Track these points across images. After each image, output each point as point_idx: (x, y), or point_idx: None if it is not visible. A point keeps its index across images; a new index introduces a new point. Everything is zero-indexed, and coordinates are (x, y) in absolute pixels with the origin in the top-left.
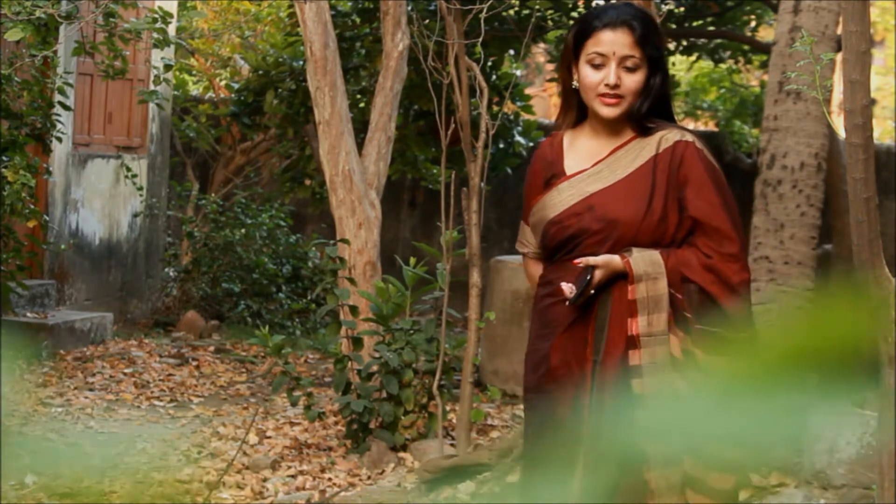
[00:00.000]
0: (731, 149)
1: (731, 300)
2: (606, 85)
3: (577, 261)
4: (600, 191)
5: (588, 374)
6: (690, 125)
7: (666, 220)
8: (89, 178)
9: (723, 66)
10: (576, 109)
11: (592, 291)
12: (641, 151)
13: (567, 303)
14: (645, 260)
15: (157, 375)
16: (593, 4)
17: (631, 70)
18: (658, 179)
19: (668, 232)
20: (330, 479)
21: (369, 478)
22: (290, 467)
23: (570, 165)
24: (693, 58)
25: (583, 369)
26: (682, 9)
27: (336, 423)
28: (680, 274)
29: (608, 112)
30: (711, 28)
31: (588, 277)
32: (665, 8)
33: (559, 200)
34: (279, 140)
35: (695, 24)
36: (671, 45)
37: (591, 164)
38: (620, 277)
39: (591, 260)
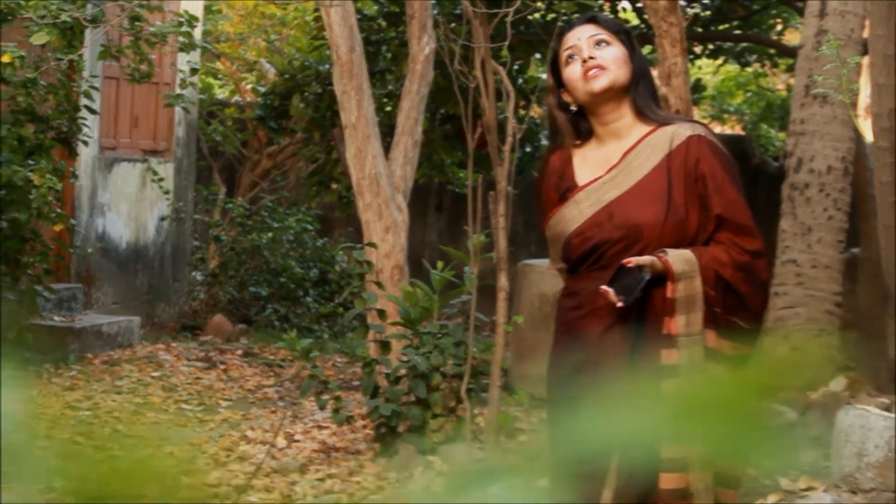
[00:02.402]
0: (757, 152)
1: (757, 297)
2: (584, 62)
3: (626, 260)
4: (618, 197)
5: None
6: (717, 129)
7: (687, 219)
8: (115, 181)
9: (749, 69)
10: (578, 131)
11: (639, 294)
12: (654, 150)
13: (620, 304)
14: (681, 258)
15: (185, 379)
16: (619, 7)
17: (602, 46)
18: (674, 178)
19: (689, 231)
20: (358, 483)
21: (398, 481)
22: (318, 471)
23: (582, 176)
24: (719, 61)
25: (617, 377)
26: (708, 12)
27: (364, 427)
28: (713, 271)
29: (595, 84)
30: (738, 32)
31: (645, 276)
32: (691, 11)
33: (578, 212)
34: (305, 144)
35: (721, 27)
36: (697, 49)
37: (604, 172)
38: (655, 281)
39: (641, 260)
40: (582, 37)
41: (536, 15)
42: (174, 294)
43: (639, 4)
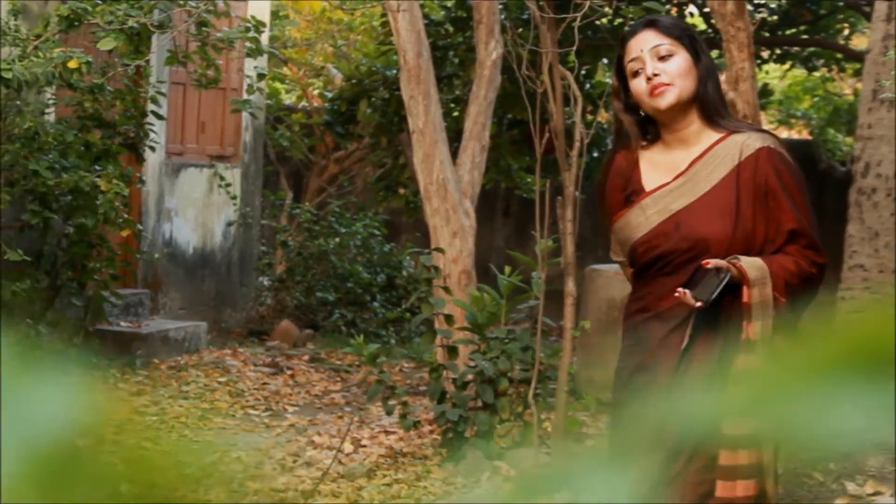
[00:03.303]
0: (825, 157)
1: (808, 306)
2: (648, 79)
3: (705, 262)
4: (685, 207)
5: (669, 381)
6: (784, 134)
7: (754, 231)
8: (182, 187)
9: (816, 74)
10: (645, 132)
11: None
12: (722, 161)
13: (698, 305)
14: (754, 265)
15: (252, 384)
16: (686, 11)
17: (666, 58)
18: (742, 191)
19: (756, 244)
20: (425, 488)
21: (465, 487)
22: (385, 476)
23: (648, 181)
24: (786, 66)
25: (668, 378)
26: (775, 17)
27: (431, 432)
28: (783, 279)
29: (661, 102)
30: (805, 36)
31: (724, 277)
32: (758, 16)
33: (644, 219)
34: (373, 149)
35: (788, 32)
36: (765, 54)
37: (671, 178)
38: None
39: (719, 262)
40: (645, 48)
41: (604, 20)
42: (241, 299)
43: (706, 9)
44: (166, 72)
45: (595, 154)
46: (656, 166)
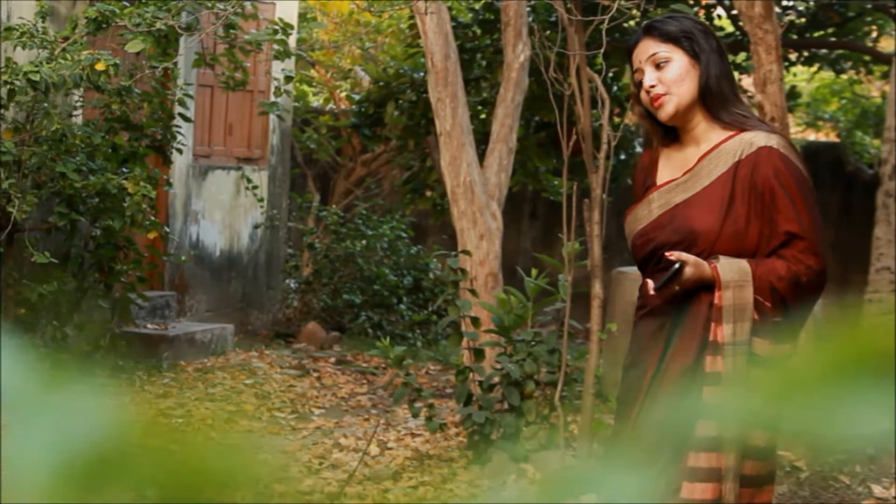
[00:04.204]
0: (852, 160)
1: (803, 313)
2: (646, 91)
3: (668, 253)
4: (684, 201)
5: (648, 378)
6: (811, 136)
7: (748, 229)
8: (210, 189)
9: (844, 76)
10: (667, 131)
11: (678, 287)
12: (726, 158)
13: (651, 291)
14: (732, 267)
15: (278, 387)
16: (714, 14)
17: (662, 65)
18: (738, 187)
19: (749, 243)
20: (451, 491)
21: (491, 489)
22: (411, 478)
23: (662, 176)
24: (814, 68)
25: (651, 374)
26: (803, 19)
27: (457, 435)
28: (769, 282)
29: (662, 114)
30: (832, 39)
31: (676, 267)
32: (786, 19)
33: (647, 212)
34: (400, 151)
35: (816, 34)
36: (792, 56)
37: (681, 174)
38: (704, 287)
39: (683, 255)
40: (643, 58)
41: (632, 22)
42: (268, 302)
43: (734, 12)
44: (194, 74)
45: (622, 156)
46: (670, 162)
